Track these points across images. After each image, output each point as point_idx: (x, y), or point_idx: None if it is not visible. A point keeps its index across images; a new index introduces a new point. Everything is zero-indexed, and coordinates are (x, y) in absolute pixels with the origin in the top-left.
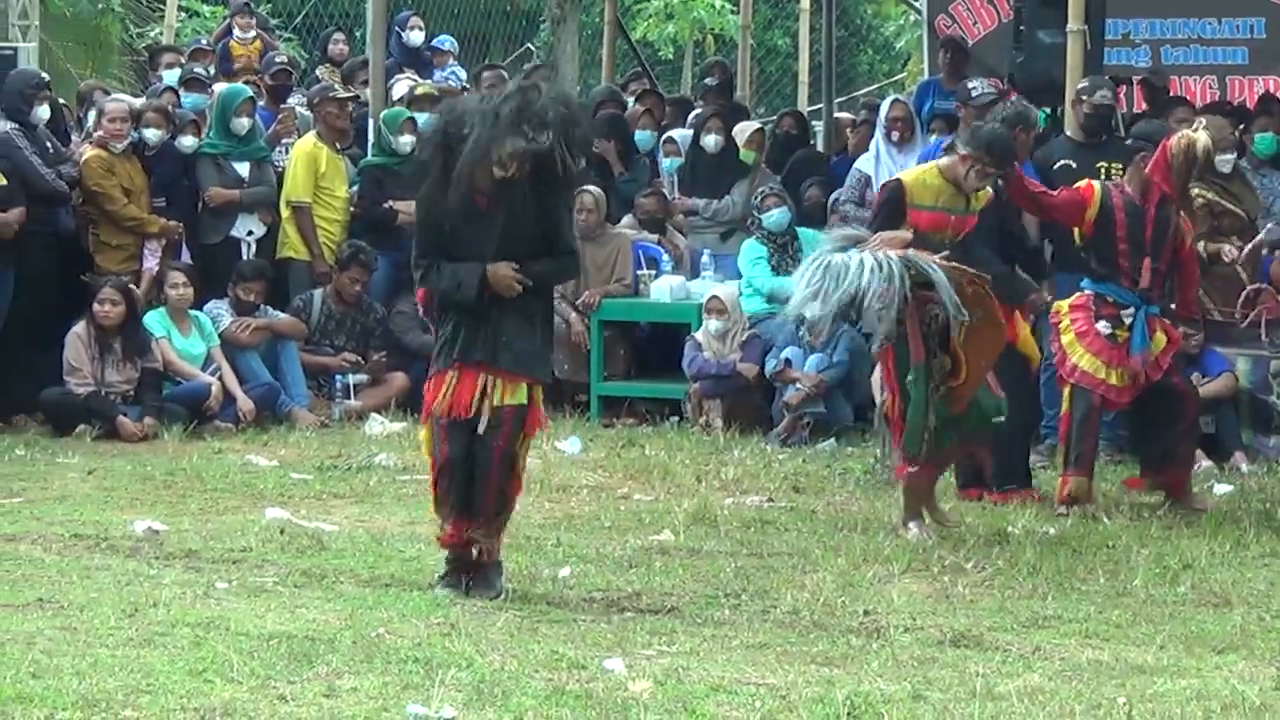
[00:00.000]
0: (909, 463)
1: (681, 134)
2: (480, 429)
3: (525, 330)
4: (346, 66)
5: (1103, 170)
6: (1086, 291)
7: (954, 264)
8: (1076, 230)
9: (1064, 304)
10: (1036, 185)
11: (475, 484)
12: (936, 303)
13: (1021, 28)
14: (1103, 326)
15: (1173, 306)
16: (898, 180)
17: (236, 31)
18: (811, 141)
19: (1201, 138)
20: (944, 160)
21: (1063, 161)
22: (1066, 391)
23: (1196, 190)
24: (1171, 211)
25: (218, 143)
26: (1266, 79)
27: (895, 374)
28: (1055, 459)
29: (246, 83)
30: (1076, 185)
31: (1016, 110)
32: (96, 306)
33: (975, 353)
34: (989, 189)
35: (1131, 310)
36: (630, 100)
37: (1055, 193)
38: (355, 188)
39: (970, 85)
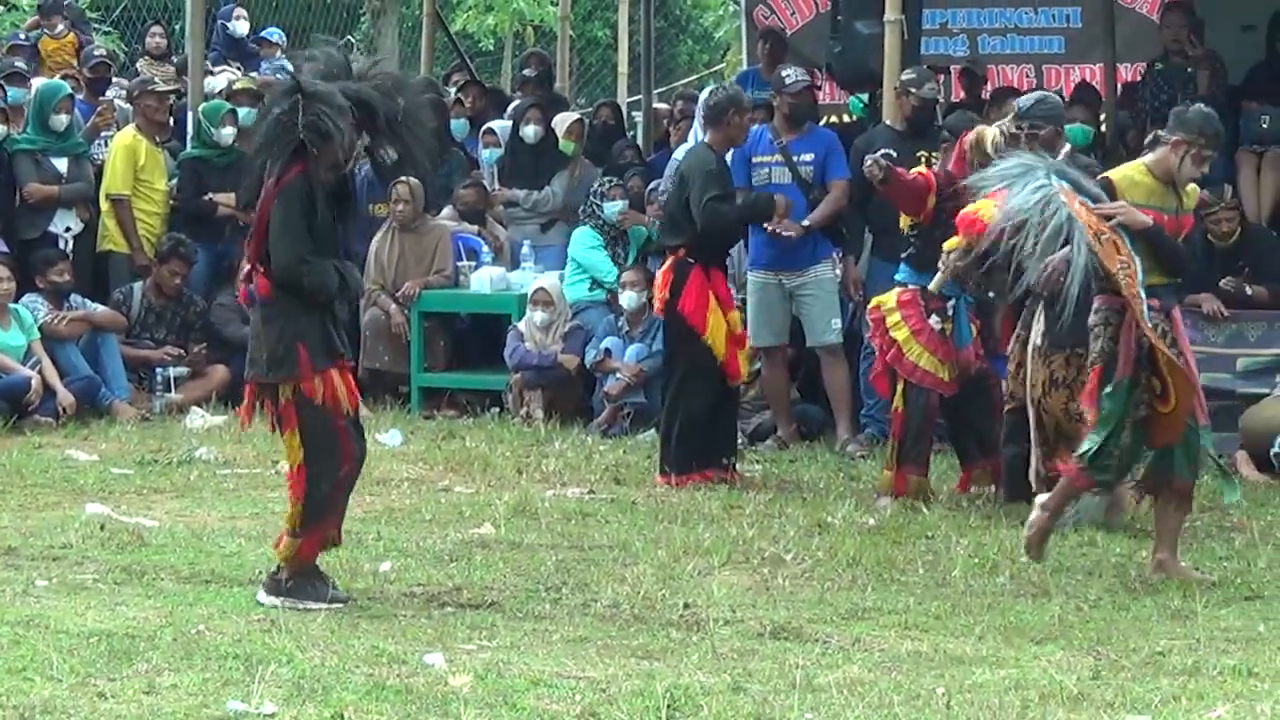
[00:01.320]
0: (1085, 472)
1: (500, 125)
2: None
3: None
4: (180, 60)
5: (923, 159)
6: (911, 287)
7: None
8: (905, 218)
9: (889, 299)
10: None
11: None
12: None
13: (839, 18)
14: (934, 321)
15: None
16: (1106, 178)
17: (45, 30)
18: (630, 132)
19: (989, 131)
20: (1150, 156)
21: (883, 150)
22: (901, 387)
23: None
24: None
25: (36, 138)
26: (1082, 68)
27: (1097, 389)
28: (881, 451)
29: (64, 77)
30: (916, 172)
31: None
32: None
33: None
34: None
35: (953, 301)
36: (451, 91)
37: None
38: (175, 180)
39: (784, 74)
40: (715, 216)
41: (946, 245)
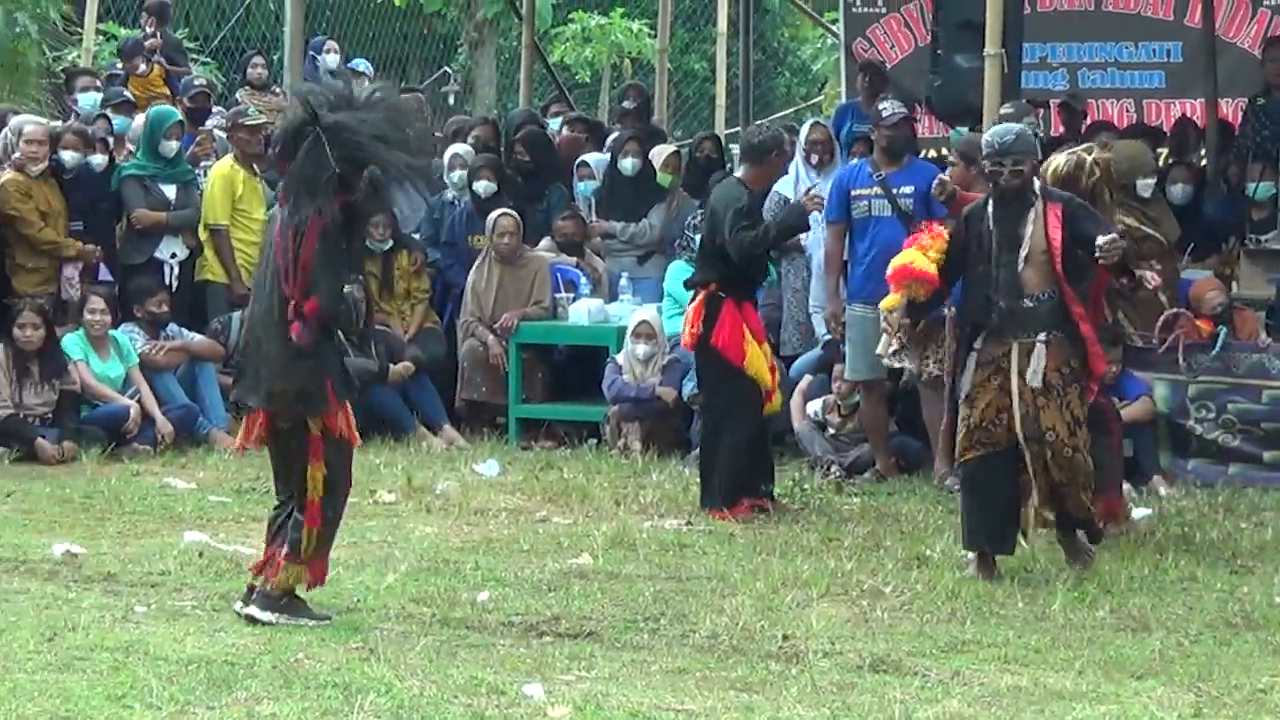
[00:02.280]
0: None
1: (596, 158)
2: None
3: None
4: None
5: None
6: None
7: None
8: None
9: None
10: None
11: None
12: None
13: (939, 51)
14: None
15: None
16: None
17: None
18: (728, 164)
19: (1056, 160)
20: None
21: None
22: None
23: (1117, 216)
24: None
25: (145, 164)
26: (1182, 103)
27: None
28: None
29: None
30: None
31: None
32: (17, 331)
33: None
34: None
35: None
36: (555, 124)
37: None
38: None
39: (881, 107)
40: (747, 244)
41: (883, 305)
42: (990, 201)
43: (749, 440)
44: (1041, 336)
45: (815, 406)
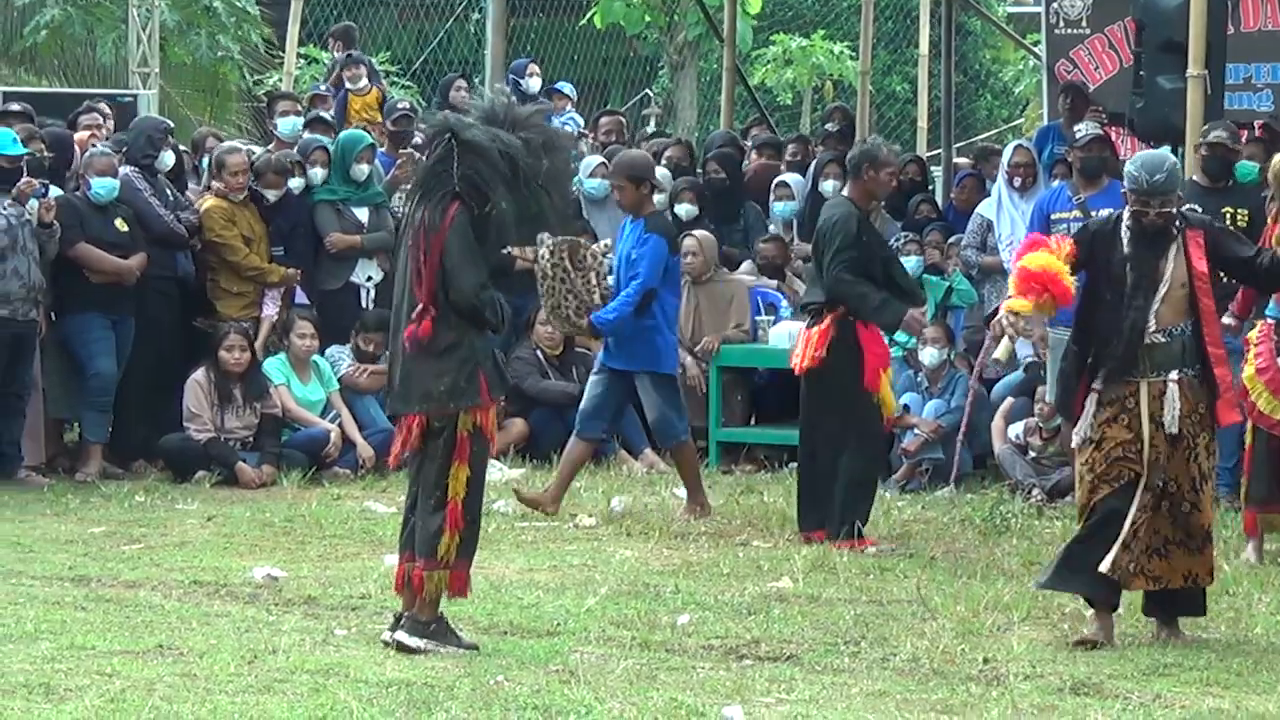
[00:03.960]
0: None
1: (795, 178)
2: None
3: None
4: None
5: (1227, 215)
6: (1270, 319)
7: None
8: None
9: (1253, 333)
10: None
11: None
12: None
13: (1141, 73)
14: None
15: None
16: None
17: (348, 84)
18: (930, 187)
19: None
20: None
21: (1188, 206)
22: (1249, 425)
23: None
24: None
25: (337, 188)
26: None
27: None
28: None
29: (365, 130)
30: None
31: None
32: (224, 353)
33: None
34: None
35: None
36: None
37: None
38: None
39: (1076, 128)
40: (839, 292)
41: (1012, 306)
42: (1127, 233)
43: (873, 466)
44: (1173, 375)
45: (1017, 429)
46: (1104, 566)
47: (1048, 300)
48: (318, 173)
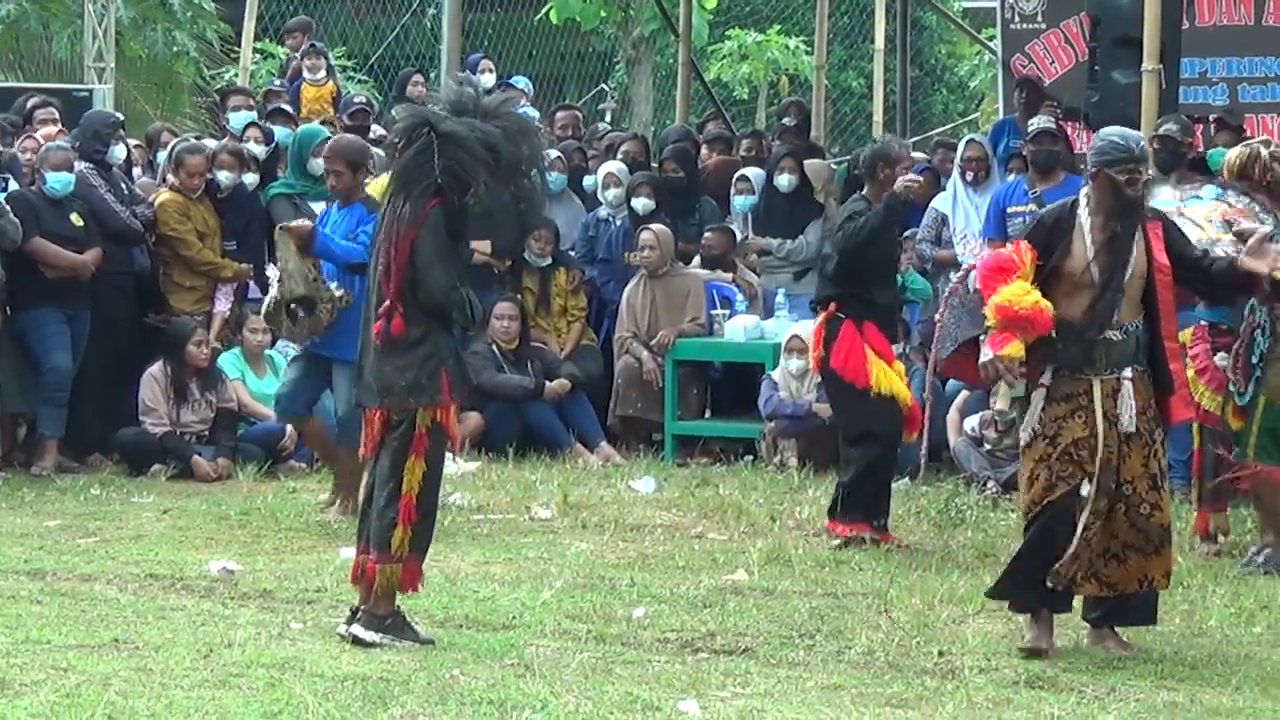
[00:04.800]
0: None
1: (755, 172)
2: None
3: None
4: None
5: None
6: (1202, 323)
7: None
8: None
9: (1185, 335)
10: None
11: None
12: None
13: (1096, 68)
14: (1220, 359)
15: None
16: None
17: (307, 74)
18: None
19: (1229, 152)
20: None
21: None
22: (1196, 427)
23: None
24: None
25: (294, 182)
26: None
27: None
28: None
29: (321, 124)
30: None
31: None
32: (192, 348)
33: None
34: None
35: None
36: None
37: None
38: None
39: (1030, 122)
40: (849, 235)
41: (1007, 353)
42: (1100, 216)
43: (878, 461)
44: (1127, 373)
45: (972, 423)
46: (1049, 580)
47: (1033, 335)
48: (248, 178)
